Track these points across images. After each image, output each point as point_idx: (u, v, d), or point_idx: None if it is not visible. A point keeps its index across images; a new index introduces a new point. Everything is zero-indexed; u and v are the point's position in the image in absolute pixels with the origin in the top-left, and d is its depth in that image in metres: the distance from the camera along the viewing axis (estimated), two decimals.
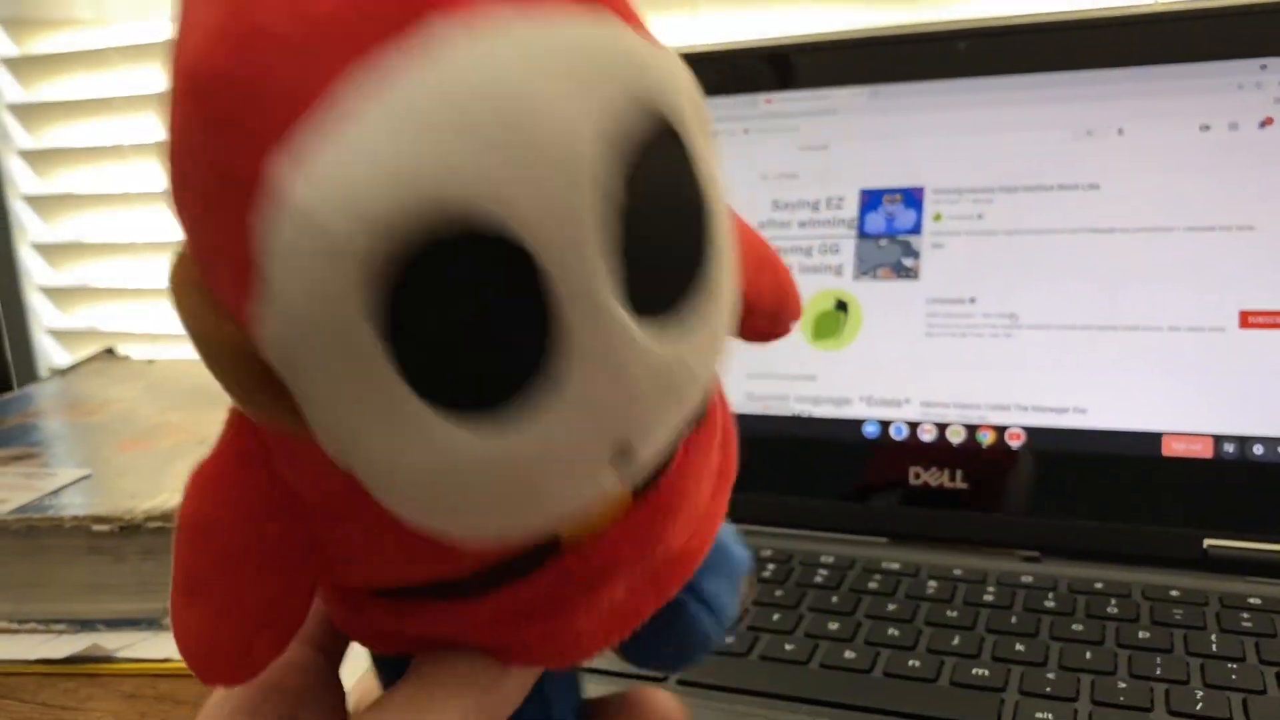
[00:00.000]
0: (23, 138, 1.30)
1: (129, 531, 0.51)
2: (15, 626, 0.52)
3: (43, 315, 1.33)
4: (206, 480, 0.21)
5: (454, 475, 0.17)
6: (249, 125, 0.16)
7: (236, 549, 0.21)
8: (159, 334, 1.24)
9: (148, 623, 0.51)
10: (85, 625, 0.52)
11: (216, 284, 0.18)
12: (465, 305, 0.16)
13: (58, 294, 1.31)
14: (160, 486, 0.54)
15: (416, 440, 0.17)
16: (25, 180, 1.29)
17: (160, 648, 0.49)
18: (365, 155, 0.15)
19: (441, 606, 0.22)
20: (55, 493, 0.55)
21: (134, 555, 0.51)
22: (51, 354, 1.35)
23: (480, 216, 0.15)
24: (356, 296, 0.15)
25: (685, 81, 0.18)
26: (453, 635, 0.22)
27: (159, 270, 1.24)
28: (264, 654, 0.21)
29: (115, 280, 1.27)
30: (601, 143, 0.16)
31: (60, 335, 1.33)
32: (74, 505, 0.53)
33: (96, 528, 0.51)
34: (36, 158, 1.28)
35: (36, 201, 1.29)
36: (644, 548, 0.22)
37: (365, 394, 0.16)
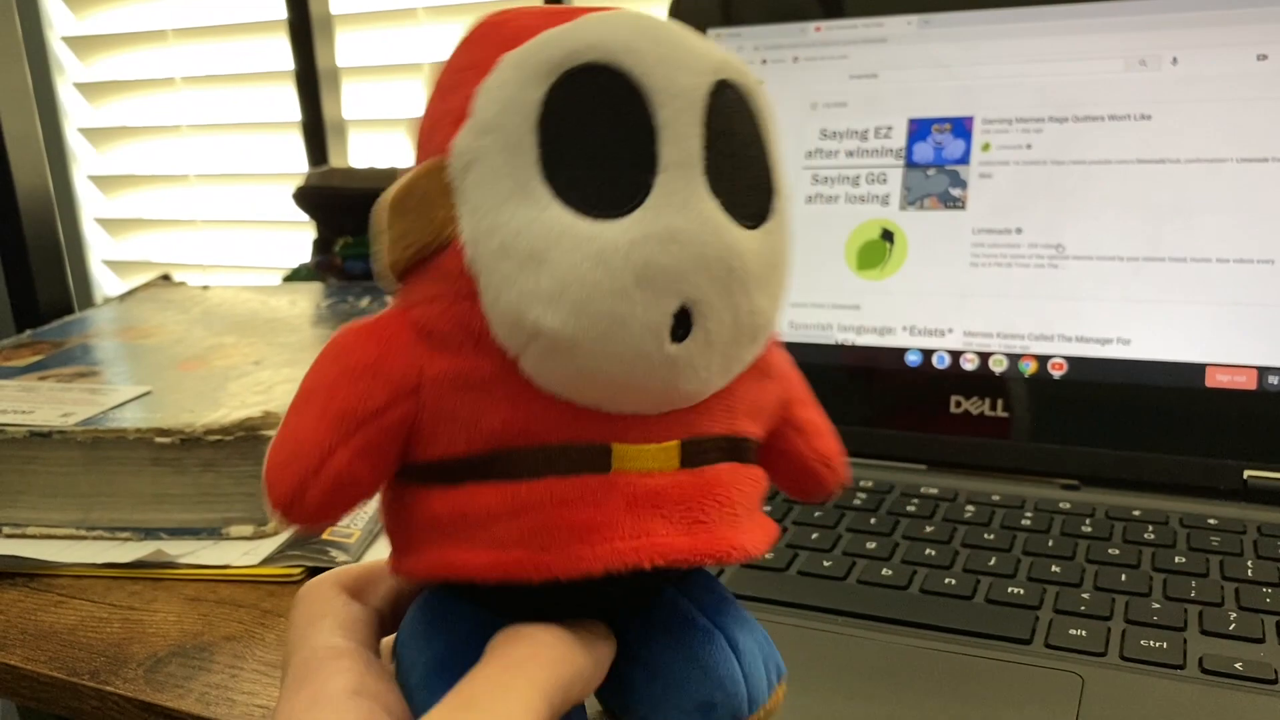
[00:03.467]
0: (76, 69, 1.32)
1: (190, 444, 0.53)
2: (83, 533, 0.54)
3: (98, 246, 1.36)
4: (362, 334, 0.26)
5: (558, 242, 0.23)
6: (494, 40, 0.25)
7: (350, 408, 0.25)
8: (210, 264, 1.26)
9: (208, 532, 0.53)
10: (149, 533, 0.54)
11: (435, 144, 0.25)
12: (596, 115, 0.23)
13: (112, 225, 1.34)
14: (218, 403, 0.56)
15: (535, 214, 0.23)
16: (79, 112, 1.31)
17: (220, 555, 0.51)
18: (556, 32, 0.24)
19: (497, 487, 0.24)
20: (117, 407, 0.57)
21: (195, 467, 0.53)
22: (105, 284, 1.37)
23: (629, 70, 0.23)
24: (531, 95, 0.23)
25: (756, 79, 0.26)
26: (505, 514, 0.24)
27: (211, 201, 1.26)
28: (315, 499, 0.24)
29: (168, 211, 1.29)
30: (711, 72, 0.24)
31: (115, 265, 1.35)
32: (136, 419, 0.55)
33: (159, 440, 0.53)
34: (90, 90, 1.30)
35: (91, 133, 1.31)
36: (686, 505, 0.25)
37: (511, 181, 0.23)
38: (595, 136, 0.23)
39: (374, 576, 0.30)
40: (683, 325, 0.24)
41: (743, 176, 0.25)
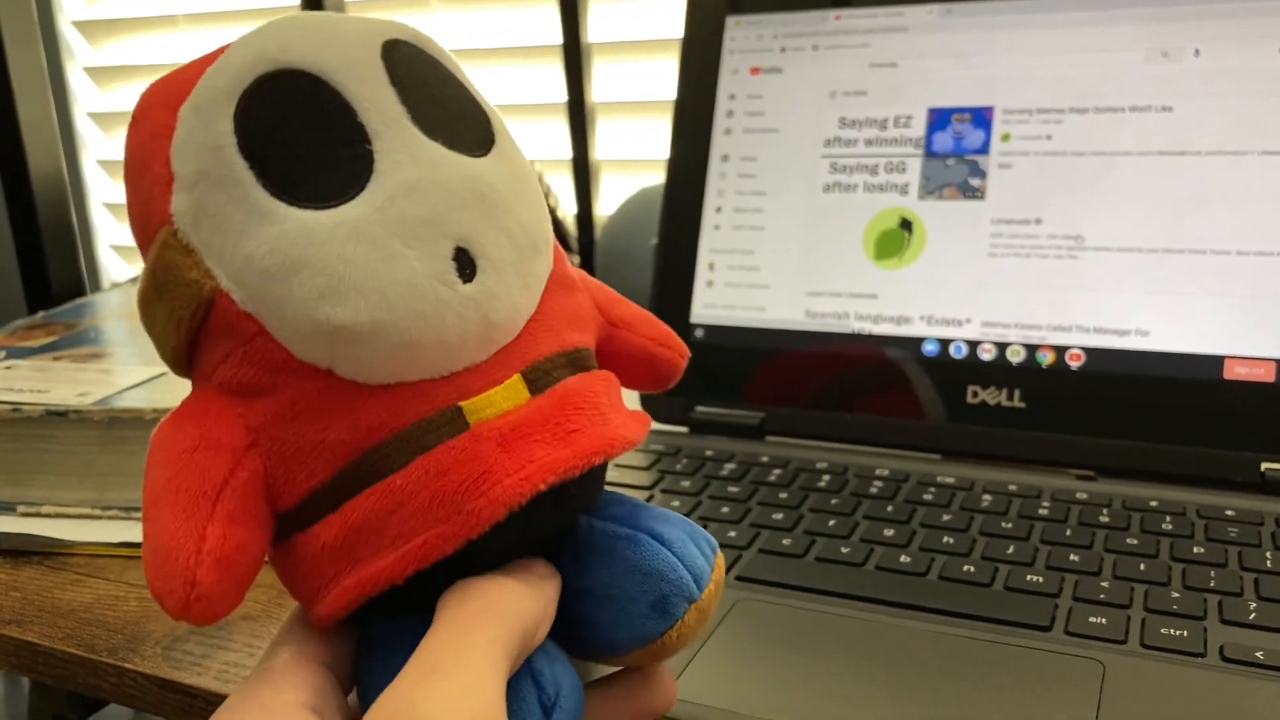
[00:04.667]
0: (86, 52, 1.32)
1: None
2: (98, 513, 0.54)
3: (106, 231, 1.36)
4: (175, 422, 0.25)
5: (310, 240, 0.23)
6: (166, 99, 0.26)
7: (197, 489, 0.24)
8: None
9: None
10: None
11: (153, 222, 0.25)
12: (289, 117, 0.24)
13: (120, 210, 1.33)
14: None
15: (279, 228, 0.23)
16: (89, 97, 1.31)
17: None
18: (214, 69, 0.24)
19: (373, 491, 0.24)
20: (133, 388, 0.57)
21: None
22: (113, 270, 1.37)
23: (299, 65, 0.24)
24: (220, 129, 0.24)
25: (418, 31, 0.27)
26: (392, 510, 0.24)
27: None
28: (206, 586, 0.23)
29: None
30: (377, 35, 0.25)
31: (123, 251, 1.35)
32: (152, 399, 0.55)
33: None
34: (100, 75, 1.30)
35: (100, 118, 1.31)
36: (553, 423, 0.26)
37: (242, 212, 0.23)
38: (298, 134, 0.24)
39: None
40: (466, 264, 0.25)
41: (452, 114, 0.26)
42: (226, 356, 0.25)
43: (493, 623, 0.24)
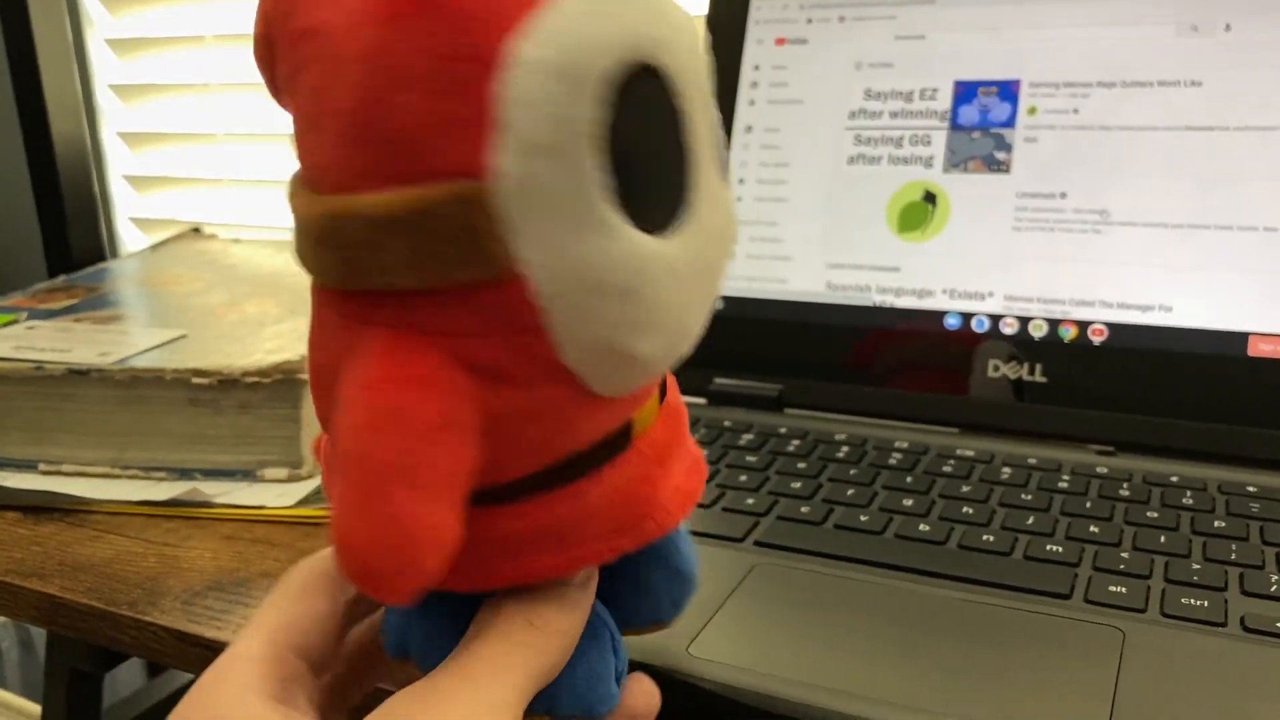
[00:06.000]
0: (106, 22, 1.32)
1: (227, 385, 0.53)
2: (118, 472, 0.55)
3: (124, 202, 1.36)
4: (410, 388, 0.22)
5: (640, 270, 0.22)
6: (482, 18, 0.21)
7: (450, 470, 0.22)
8: (236, 223, 1.27)
9: (243, 473, 0.54)
10: (184, 474, 0.54)
11: (444, 156, 0.21)
12: (652, 126, 0.22)
13: (139, 181, 1.34)
14: (253, 348, 0.56)
15: (610, 243, 0.22)
16: (108, 68, 1.31)
17: (255, 496, 0.52)
18: (574, 22, 0.21)
19: (564, 493, 0.25)
20: (154, 348, 0.58)
21: (231, 409, 0.53)
22: (131, 242, 1.38)
23: (667, 68, 0.22)
24: (587, 113, 0.21)
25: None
26: (577, 518, 0.26)
27: (239, 159, 1.26)
28: (435, 572, 0.22)
29: (195, 169, 1.29)
30: (699, 42, 0.23)
31: (141, 223, 1.36)
32: (173, 360, 0.55)
33: (196, 380, 0.53)
34: (119, 46, 1.30)
35: (120, 89, 1.31)
36: (673, 443, 0.28)
37: (576, 208, 0.21)
38: (654, 148, 0.22)
39: None
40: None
41: (719, 149, 0.25)
42: (486, 333, 0.22)
43: (534, 653, 0.25)
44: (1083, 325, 0.52)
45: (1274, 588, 0.38)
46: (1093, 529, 0.43)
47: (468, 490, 0.23)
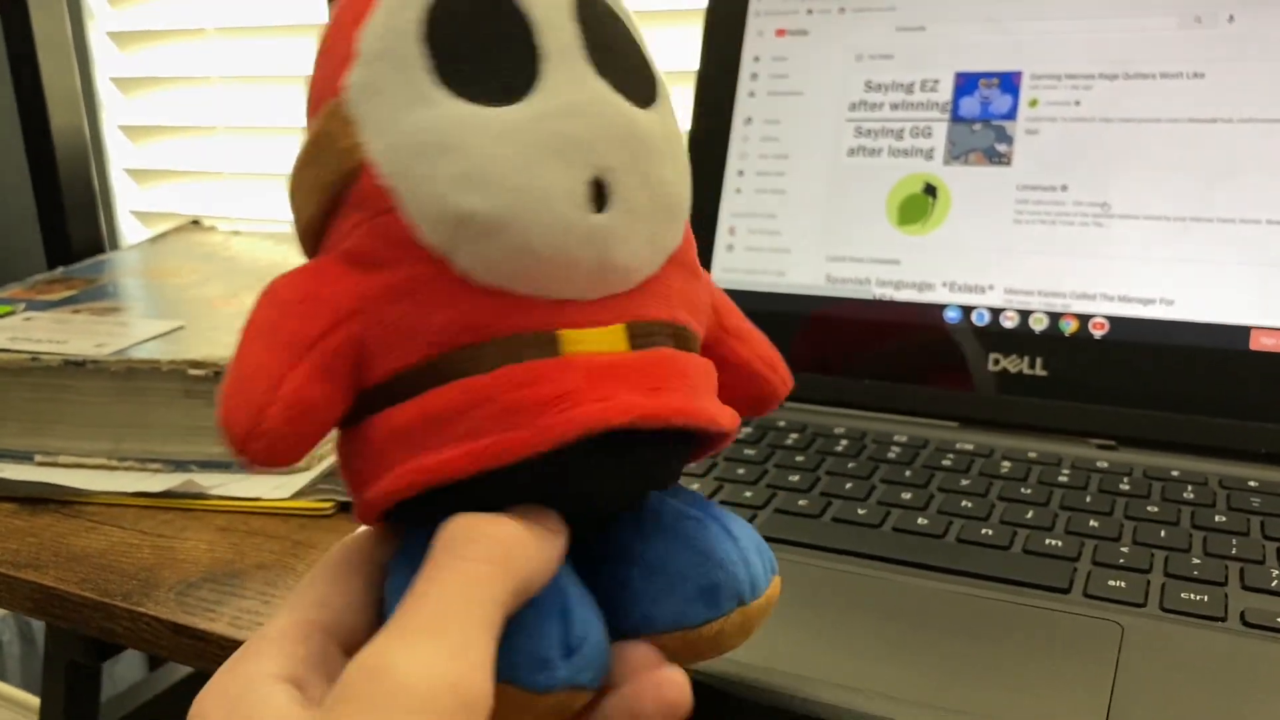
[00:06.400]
0: (107, 15, 1.31)
1: (223, 377, 0.53)
2: (114, 464, 0.55)
3: (124, 195, 1.36)
4: (292, 275, 0.26)
5: (463, 129, 0.24)
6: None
7: (296, 335, 0.25)
8: (236, 216, 1.26)
9: (239, 465, 0.53)
10: (179, 466, 0.54)
11: (326, 91, 0.26)
12: (474, 21, 0.25)
13: (139, 174, 1.34)
14: None
15: (437, 111, 0.24)
16: (109, 62, 1.31)
17: (251, 488, 0.51)
18: None
19: (455, 385, 0.25)
20: (151, 340, 0.57)
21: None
22: (130, 235, 1.38)
23: None
24: (412, 15, 0.25)
25: None
26: (468, 407, 0.24)
27: (239, 153, 1.26)
28: (273, 424, 0.24)
29: (195, 162, 1.29)
30: None
31: (141, 216, 1.35)
32: (170, 351, 0.55)
33: (192, 372, 0.53)
34: (120, 38, 1.30)
35: (120, 82, 1.31)
36: (645, 374, 0.26)
37: (406, 93, 0.25)
38: (477, 38, 0.25)
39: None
40: (600, 196, 0.25)
41: (623, 62, 0.26)
42: (355, 227, 0.25)
43: (493, 578, 0.23)
44: (1083, 319, 0.52)
45: (1275, 583, 0.38)
46: (1092, 523, 0.42)
47: (324, 358, 0.25)
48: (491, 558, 0.23)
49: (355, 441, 0.26)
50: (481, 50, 0.25)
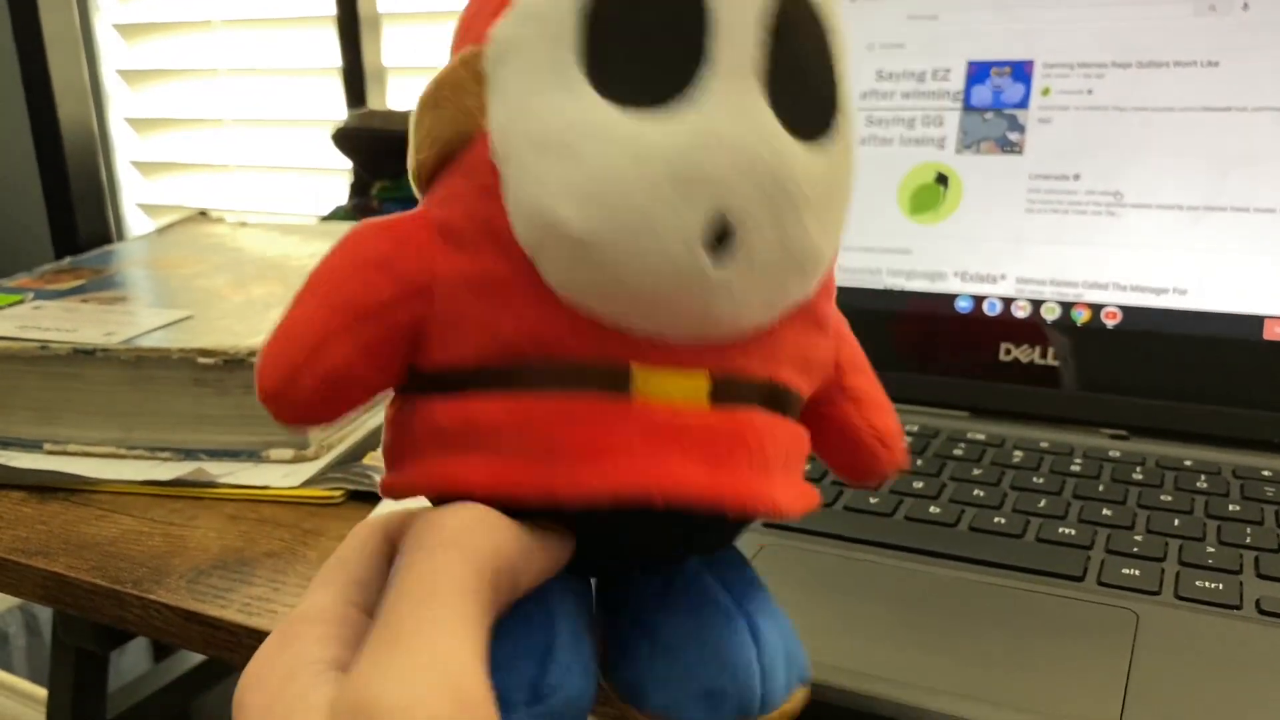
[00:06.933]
0: (113, 7, 1.31)
1: (232, 365, 0.53)
2: (124, 452, 0.54)
3: (131, 188, 1.36)
4: (378, 228, 0.24)
5: (591, 132, 0.21)
6: None
7: (354, 299, 0.23)
8: (243, 209, 1.26)
9: (248, 454, 0.53)
10: (189, 454, 0.54)
11: (473, 31, 0.24)
12: (643, 6, 0.21)
13: (146, 167, 1.34)
14: (258, 329, 0.56)
15: (570, 103, 0.21)
16: (115, 55, 1.31)
17: (260, 476, 0.51)
18: None
19: (505, 398, 0.23)
20: (160, 329, 0.57)
21: (237, 389, 0.53)
22: (137, 227, 1.38)
23: None
24: None
25: None
26: (504, 426, 0.23)
27: (245, 145, 1.26)
28: (304, 392, 0.23)
29: (202, 155, 1.29)
30: None
31: (148, 208, 1.35)
32: (178, 340, 0.55)
33: (202, 360, 0.53)
34: (126, 30, 1.30)
35: (126, 75, 1.31)
36: (711, 443, 0.23)
37: (549, 69, 0.22)
38: (643, 27, 0.22)
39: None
40: (721, 240, 0.22)
41: (804, 88, 0.23)
42: (456, 197, 0.23)
43: (458, 564, 0.21)
44: (1096, 308, 0.52)
45: None
46: (1106, 512, 0.42)
47: (381, 332, 0.23)
48: (448, 541, 0.21)
49: (399, 416, 0.25)
50: (643, 41, 0.22)
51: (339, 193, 1.01)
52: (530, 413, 0.22)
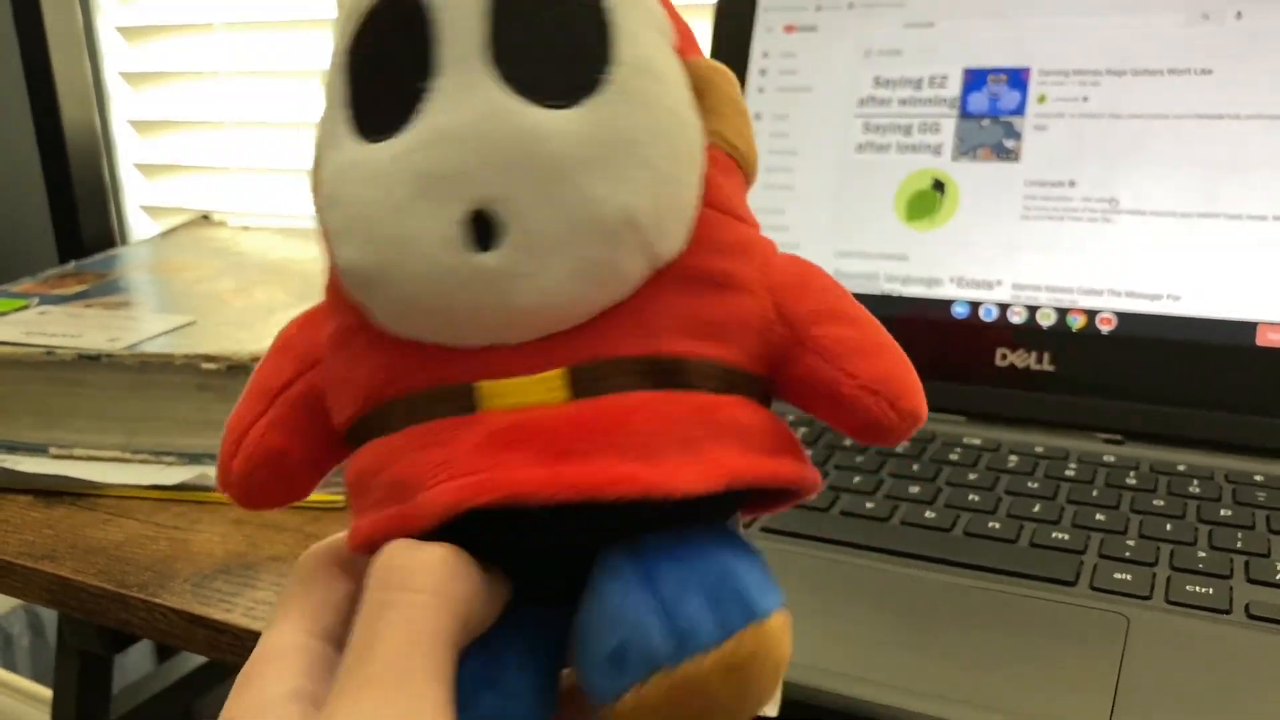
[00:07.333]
0: (115, 9, 1.32)
1: (236, 371, 0.53)
2: (128, 456, 0.55)
3: (133, 190, 1.36)
4: (298, 317, 0.26)
5: (345, 175, 0.22)
6: None
7: (266, 385, 0.25)
8: (245, 211, 1.27)
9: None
10: (192, 459, 0.55)
11: None
12: (386, 43, 0.22)
13: (148, 169, 1.34)
14: (262, 334, 0.57)
15: (337, 153, 0.23)
16: (118, 56, 1.31)
17: None
18: None
19: (375, 445, 0.23)
20: (163, 334, 0.58)
21: (240, 394, 0.54)
22: (139, 229, 1.38)
23: None
24: (343, 43, 0.23)
25: None
26: (374, 473, 0.23)
27: (247, 147, 1.26)
28: (237, 474, 0.25)
29: (204, 157, 1.29)
30: None
31: (150, 210, 1.36)
32: (183, 345, 0.55)
33: (205, 365, 0.53)
34: (128, 32, 1.30)
35: (128, 77, 1.31)
36: (554, 436, 0.21)
37: (329, 126, 0.23)
38: (382, 59, 0.22)
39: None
40: (486, 231, 0.21)
41: (545, 54, 0.22)
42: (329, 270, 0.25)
43: (437, 614, 0.20)
44: (1091, 314, 0.52)
45: (1279, 576, 0.38)
46: (1099, 517, 0.43)
47: (296, 405, 0.25)
48: (423, 587, 0.21)
49: None
50: (384, 73, 0.22)
51: None
52: (390, 453, 0.22)
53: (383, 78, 0.22)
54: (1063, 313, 0.53)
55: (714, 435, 0.22)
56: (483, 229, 0.21)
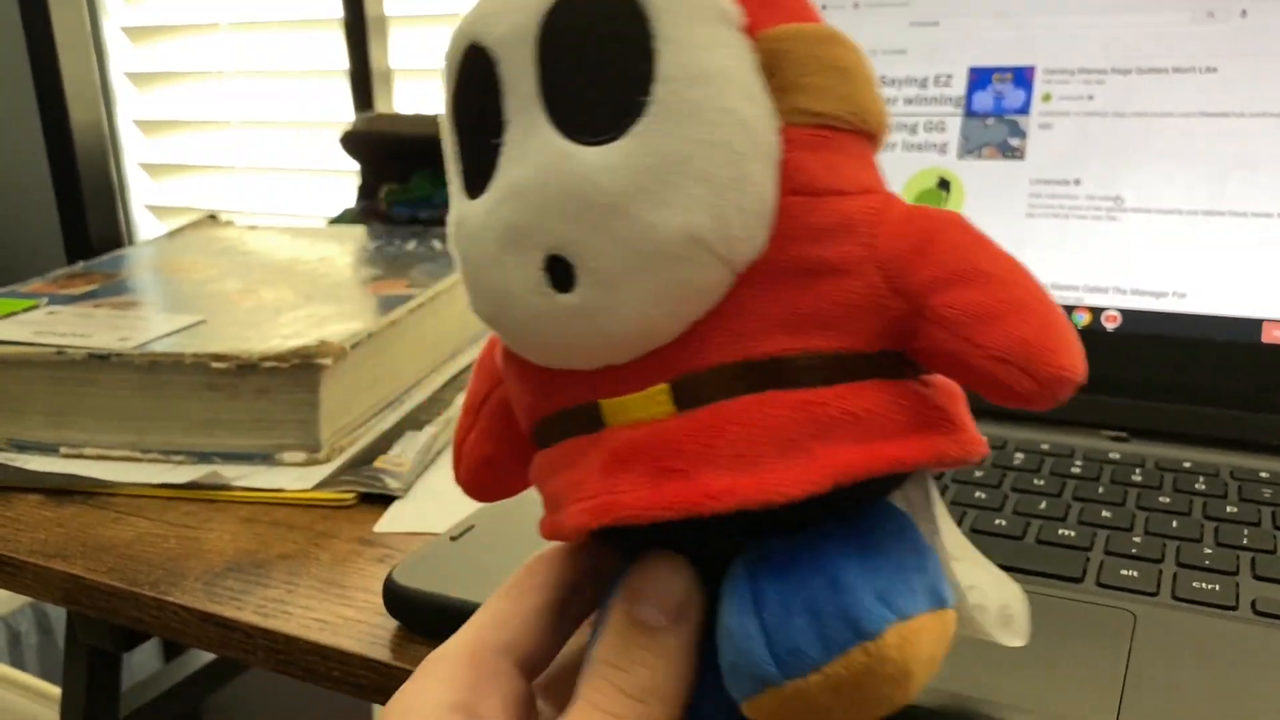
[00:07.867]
0: (121, 10, 1.32)
1: (245, 370, 0.53)
2: (138, 455, 0.55)
3: (139, 190, 1.36)
4: (486, 345, 0.30)
5: (457, 231, 0.25)
6: None
7: (471, 401, 0.30)
8: (251, 210, 1.27)
9: (261, 457, 0.54)
10: (202, 458, 0.55)
11: None
12: (469, 98, 0.24)
13: (154, 169, 1.34)
14: (270, 334, 0.57)
15: (454, 210, 0.25)
16: (124, 57, 1.32)
17: (273, 479, 0.52)
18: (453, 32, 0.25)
19: (539, 456, 0.27)
20: (173, 334, 0.58)
21: (249, 393, 0.54)
22: (145, 229, 1.38)
23: (478, 39, 0.23)
24: (445, 96, 0.25)
25: None
26: (537, 481, 0.27)
27: (252, 147, 1.27)
28: (463, 478, 0.30)
29: (210, 157, 1.30)
30: (536, 6, 0.22)
31: (156, 210, 1.36)
32: (192, 345, 0.56)
33: (215, 365, 0.54)
34: (134, 33, 1.30)
35: (134, 77, 1.32)
36: (656, 455, 0.22)
37: (451, 176, 0.25)
38: (470, 117, 0.24)
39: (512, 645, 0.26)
40: (564, 274, 0.22)
41: (590, 88, 0.22)
42: None
43: (683, 637, 0.24)
44: (1096, 311, 0.52)
45: None
46: (1105, 514, 0.43)
47: (494, 416, 0.29)
48: (683, 615, 0.24)
49: None
50: (473, 128, 0.24)
51: (347, 195, 1.01)
52: (548, 467, 0.26)
53: (471, 133, 0.24)
54: (1068, 310, 0.53)
55: (818, 433, 0.22)
56: (560, 272, 0.23)
